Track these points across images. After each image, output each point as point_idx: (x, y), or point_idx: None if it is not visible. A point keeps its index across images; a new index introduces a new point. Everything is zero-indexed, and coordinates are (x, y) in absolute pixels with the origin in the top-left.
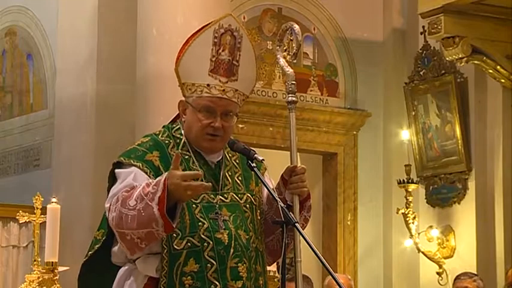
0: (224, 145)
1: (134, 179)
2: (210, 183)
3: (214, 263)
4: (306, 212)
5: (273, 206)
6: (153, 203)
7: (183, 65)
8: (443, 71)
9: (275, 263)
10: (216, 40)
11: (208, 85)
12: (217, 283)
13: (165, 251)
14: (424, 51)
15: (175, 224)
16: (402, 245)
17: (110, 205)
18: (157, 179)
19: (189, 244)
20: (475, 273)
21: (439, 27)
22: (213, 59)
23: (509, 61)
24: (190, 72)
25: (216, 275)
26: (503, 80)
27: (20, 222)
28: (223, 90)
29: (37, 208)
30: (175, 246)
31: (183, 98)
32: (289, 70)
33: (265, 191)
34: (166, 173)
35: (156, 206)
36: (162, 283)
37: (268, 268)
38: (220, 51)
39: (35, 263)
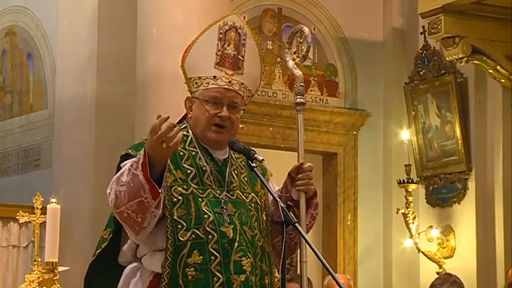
0: (230, 138)
1: None
2: (179, 128)
3: (218, 256)
4: (312, 209)
5: (278, 206)
6: (137, 171)
7: (188, 62)
8: (443, 71)
9: None
10: (221, 36)
11: (214, 77)
12: (220, 276)
13: (170, 241)
14: (424, 51)
15: (161, 189)
16: (402, 245)
17: (110, 190)
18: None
19: (193, 236)
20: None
21: (439, 27)
22: (219, 53)
23: (509, 61)
24: (196, 67)
25: (219, 267)
26: (503, 80)
27: (20, 222)
28: (230, 81)
29: (37, 208)
30: (180, 238)
31: (189, 95)
32: (298, 72)
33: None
34: None
35: (140, 173)
36: (165, 273)
37: None
38: (225, 45)
39: (35, 263)
